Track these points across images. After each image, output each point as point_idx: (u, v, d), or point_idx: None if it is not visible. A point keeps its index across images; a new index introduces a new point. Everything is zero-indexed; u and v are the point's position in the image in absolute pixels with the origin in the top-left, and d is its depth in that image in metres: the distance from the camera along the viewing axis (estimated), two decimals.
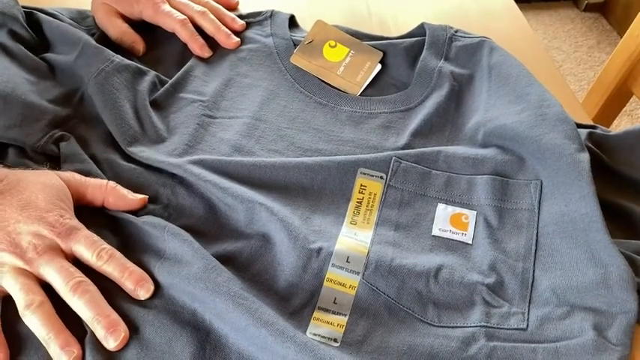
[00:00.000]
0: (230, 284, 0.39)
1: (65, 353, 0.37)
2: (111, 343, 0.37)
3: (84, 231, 0.41)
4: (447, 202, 0.48)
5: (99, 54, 0.53)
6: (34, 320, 0.37)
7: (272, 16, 0.63)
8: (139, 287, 0.40)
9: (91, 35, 0.58)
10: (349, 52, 0.60)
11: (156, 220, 0.43)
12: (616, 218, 0.47)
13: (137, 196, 0.45)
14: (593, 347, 0.39)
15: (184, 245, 0.41)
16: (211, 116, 0.53)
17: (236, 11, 0.66)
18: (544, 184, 0.47)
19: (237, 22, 0.61)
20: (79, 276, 0.39)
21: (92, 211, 0.45)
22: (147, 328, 0.39)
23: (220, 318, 0.39)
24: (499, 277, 0.43)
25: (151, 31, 0.61)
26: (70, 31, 0.55)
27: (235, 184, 0.46)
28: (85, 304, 0.38)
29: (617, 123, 1.61)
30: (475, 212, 0.47)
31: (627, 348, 0.39)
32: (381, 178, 0.48)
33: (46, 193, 0.41)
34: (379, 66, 0.59)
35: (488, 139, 0.51)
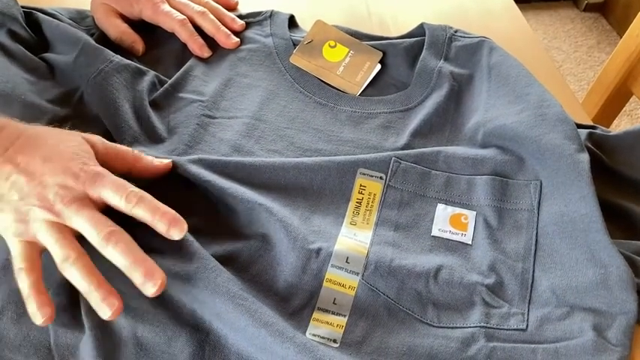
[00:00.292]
0: (229, 284, 0.39)
1: (108, 305, 0.36)
2: (149, 289, 0.37)
3: (110, 176, 0.40)
4: (447, 203, 0.48)
5: (98, 54, 0.53)
6: (74, 273, 0.37)
7: (272, 16, 0.63)
8: (172, 227, 0.39)
9: (91, 35, 0.58)
10: (349, 52, 0.60)
11: None
12: (616, 218, 0.47)
13: (163, 161, 0.45)
14: (592, 348, 0.39)
15: (184, 245, 0.41)
16: (211, 116, 0.53)
17: (236, 11, 0.66)
18: (544, 185, 0.47)
19: (236, 22, 0.61)
20: (111, 225, 0.38)
21: None
22: (146, 328, 0.39)
23: (220, 318, 0.39)
24: (499, 278, 0.43)
25: (151, 31, 0.60)
26: (70, 31, 0.55)
27: (235, 184, 0.46)
28: (121, 253, 0.37)
29: (617, 123, 1.61)
30: (475, 212, 0.47)
31: (627, 348, 0.39)
32: (381, 179, 0.48)
33: (66, 145, 0.41)
34: (379, 66, 0.59)
35: (487, 140, 0.51)
